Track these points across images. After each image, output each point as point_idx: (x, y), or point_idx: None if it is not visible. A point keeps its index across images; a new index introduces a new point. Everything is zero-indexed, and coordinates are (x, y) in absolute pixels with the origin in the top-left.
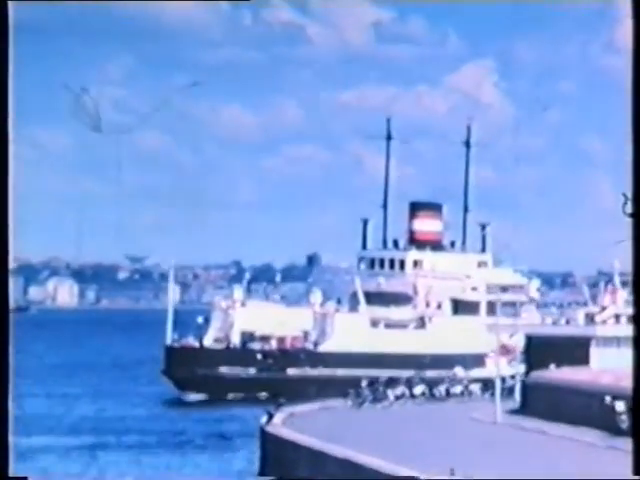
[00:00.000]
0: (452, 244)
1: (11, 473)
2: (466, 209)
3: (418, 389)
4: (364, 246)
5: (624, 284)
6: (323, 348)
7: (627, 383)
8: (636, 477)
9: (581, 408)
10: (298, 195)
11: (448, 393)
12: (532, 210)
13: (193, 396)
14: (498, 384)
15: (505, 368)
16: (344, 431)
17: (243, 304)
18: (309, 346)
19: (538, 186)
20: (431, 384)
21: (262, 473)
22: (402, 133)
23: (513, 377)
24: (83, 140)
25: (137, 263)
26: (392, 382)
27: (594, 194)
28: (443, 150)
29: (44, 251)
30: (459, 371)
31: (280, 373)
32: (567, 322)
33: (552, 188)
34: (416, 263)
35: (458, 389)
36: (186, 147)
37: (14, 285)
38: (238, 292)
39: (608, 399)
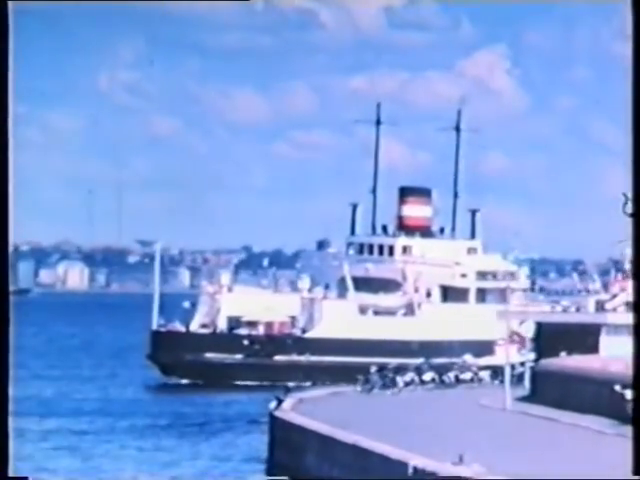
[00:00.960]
0: (441, 230)
1: (11, 473)
2: (456, 195)
3: (427, 375)
4: (353, 232)
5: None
6: (311, 334)
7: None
8: (636, 477)
9: (591, 396)
10: (309, 180)
11: (457, 380)
12: (543, 197)
13: (185, 380)
14: (508, 371)
15: (515, 355)
16: (353, 417)
17: (230, 289)
18: (296, 332)
19: (549, 173)
20: (440, 371)
21: (271, 458)
22: (413, 119)
23: (523, 364)
24: (94, 123)
25: (147, 247)
26: (401, 369)
27: (606, 181)
28: (451, 136)
29: (55, 234)
30: (469, 358)
31: (267, 359)
32: (577, 309)
33: (563, 175)
34: (405, 249)
35: (468, 376)
36: (197, 131)
37: (25, 268)
38: (225, 277)
39: (618, 387)
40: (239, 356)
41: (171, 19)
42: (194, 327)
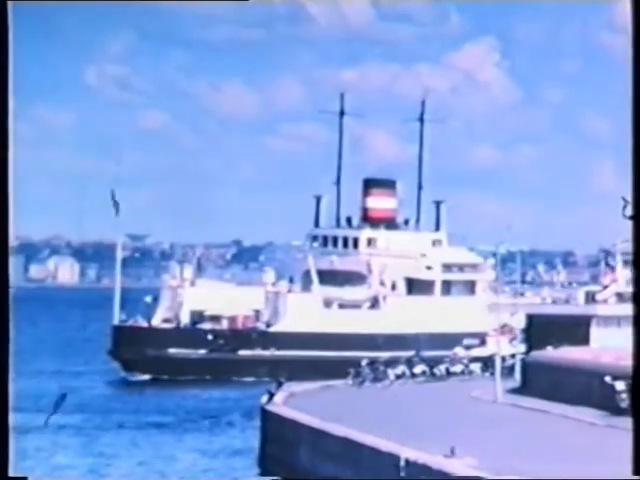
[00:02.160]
0: (406, 222)
1: (11, 473)
2: (420, 186)
3: (418, 368)
4: (317, 224)
5: (626, 263)
6: (275, 328)
7: (627, 362)
8: (636, 477)
9: (581, 387)
10: (299, 174)
11: (448, 372)
12: (533, 189)
13: (147, 376)
14: (498, 363)
15: (506, 347)
16: (345, 410)
17: (192, 283)
18: (261, 326)
19: (539, 165)
20: (431, 363)
21: (262, 452)
22: (404, 111)
23: (513, 356)
24: (85, 119)
25: (138, 242)
26: (392, 362)
27: (595, 173)
28: (443, 127)
29: (45, 230)
30: (459, 350)
31: (231, 354)
32: (567, 301)
33: (553, 167)
34: (370, 241)
35: (458, 368)
36: (187, 125)
37: (15, 263)
38: (187, 271)
39: (608, 378)
40: (203, 351)
41: (160, 13)
42: (156, 322)
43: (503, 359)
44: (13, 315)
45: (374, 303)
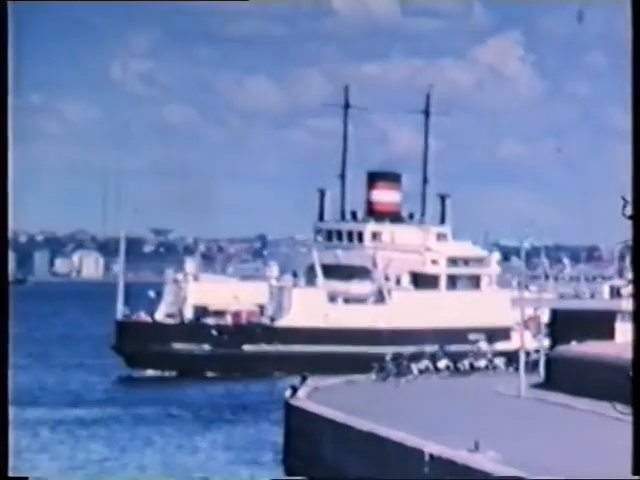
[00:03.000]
0: (411, 216)
1: (11, 473)
2: (425, 180)
3: (442, 363)
4: (321, 218)
5: None
6: (280, 323)
7: None
8: (636, 477)
9: (606, 382)
10: (323, 168)
11: (472, 367)
12: (557, 183)
13: (150, 372)
14: (522, 358)
15: (530, 341)
16: (368, 405)
17: (196, 278)
18: (265, 321)
19: (564, 159)
20: (455, 358)
21: (287, 446)
22: (425, 106)
23: (537, 351)
24: (109, 113)
25: (162, 236)
26: (416, 356)
27: (620, 167)
28: (472, 122)
29: (70, 224)
30: (483, 345)
31: (236, 349)
32: (592, 296)
33: (578, 161)
34: (375, 235)
35: (482, 363)
36: (210, 120)
37: (40, 258)
38: (190, 265)
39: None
40: (207, 346)
41: (185, 8)
42: (159, 317)
43: (527, 354)
44: (33, 308)
45: (379, 298)
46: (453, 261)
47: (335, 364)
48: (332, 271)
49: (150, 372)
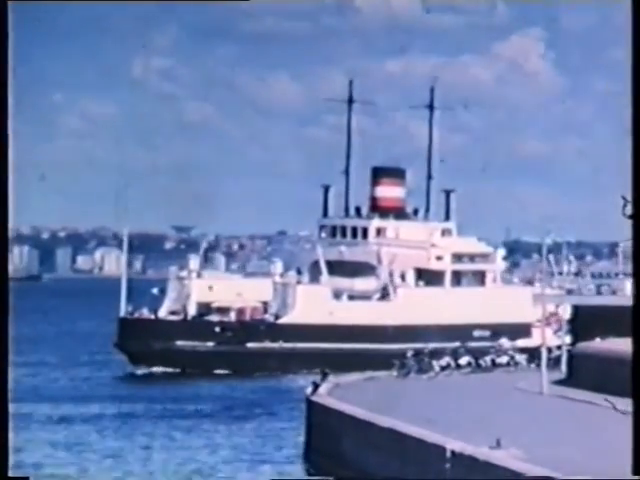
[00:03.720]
0: (415, 212)
1: (11, 473)
2: (429, 176)
3: (463, 360)
4: (325, 214)
5: None
6: (284, 320)
7: None
8: (636, 477)
9: (628, 379)
10: (343, 165)
11: (494, 363)
12: (579, 180)
13: (155, 369)
14: (544, 354)
15: (551, 338)
16: (390, 401)
17: (199, 275)
18: (269, 318)
19: (585, 156)
20: (477, 355)
21: (308, 443)
22: (448, 102)
23: (559, 348)
24: (130, 110)
25: (183, 233)
26: (437, 353)
27: None
28: (489, 118)
29: (92, 221)
30: (504, 342)
31: (239, 346)
32: (614, 292)
33: (599, 158)
34: (379, 231)
35: (504, 359)
36: (231, 117)
37: (62, 255)
38: (194, 262)
39: None
40: (210, 343)
41: (205, 5)
42: (163, 314)
43: (549, 350)
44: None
45: (384, 294)
46: (458, 257)
47: (340, 361)
48: (336, 267)
49: (154, 369)
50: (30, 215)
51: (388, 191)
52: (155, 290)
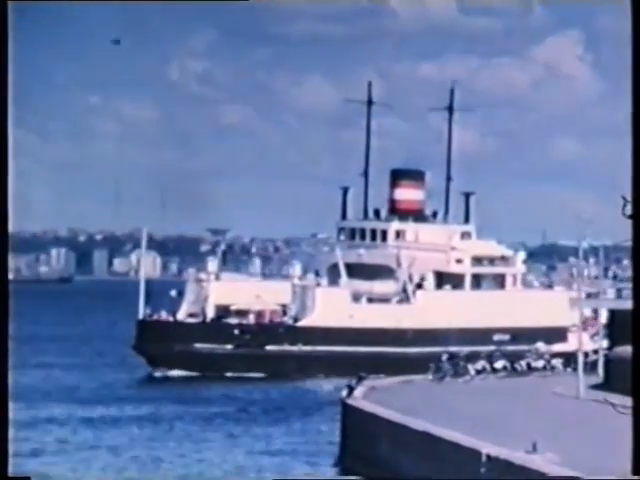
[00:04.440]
0: (434, 214)
1: (11, 473)
2: (449, 178)
3: (499, 363)
4: (344, 216)
5: None
6: (303, 323)
7: None
8: (636, 477)
9: None
10: (379, 167)
11: (530, 367)
12: (616, 183)
13: (174, 372)
14: (581, 359)
15: (588, 343)
16: (425, 405)
17: (217, 277)
18: (288, 321)
19: (623, 159)
20: (512, 359)
21: (343, 445)
22: (484, 105)
23: (596, 352)
24: (167, 113)
25: (219, 236)
26: (473, 356)
27: None
28: (526, 120)
29: (128, 224)
30: (541, 346)
31: (258, 349)
32: None
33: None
34: (398, 234)
35: (540, 363)
36: (267, 120)
37: (99, 257)
38: (212, 264)
39: None
40: (229, 346)
41: (241, 8)
42: (181, 316)
43: (586, 355)
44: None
45: (403, 297)
46: (478, 260)
47: (359, 364)
48: (355, 270)
49: (174, 373)
50: (67, 218)
51: (407, 193)
52: (173, 292)
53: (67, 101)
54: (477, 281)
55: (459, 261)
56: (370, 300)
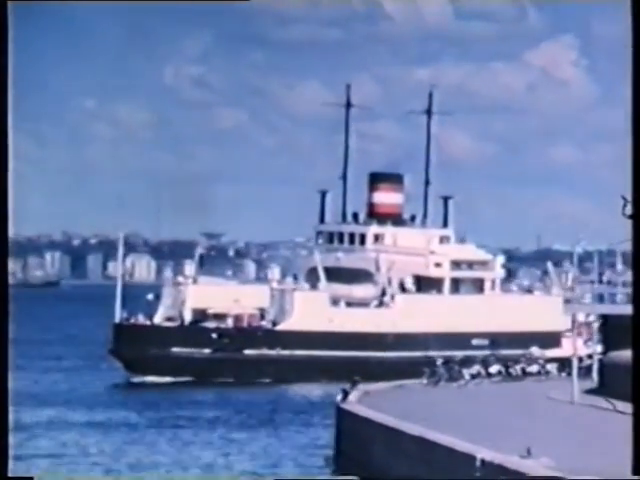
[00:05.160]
0: (412, 218)
1: (11, 473)
2: (427, 181)
3: (494, 368)
4: (322, 220)
5: None
6: (282, 327)
7: None
8: (636, 477)
9: None
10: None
11: (524, 372)
12: (611, 188)
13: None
14: (575, 363)
15: (581, 348)
16: (420, 409)
17: (195, 281)
18: (267, 325)
19: (618, 164)
20: (507, 363)
21: (338, 450)
22: (479, 109)
23: (590, 357)
24: (161, 117)
25: (213, 240)
26: (467, 361)
27: None
28: (522, 125)
29: (122, 228)
30: (535, 350)
31: (236, 353)
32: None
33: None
34: (377, 238)
35: (535, 368)
36: (262, 124)
37: (94, 261)
38: (189, 268)
39: None
40: (207, 350)
41: (236, 12)
42: (158, 320)
43: (580, 359)
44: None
45: (382, 301)
46: (457, 264)
47: (338, 369)
48: (333, 274)
49: (150, 378)
50: (61, 222)
51: (386, 197)
52: (150, 296)
53: (62, 105)
54: (456, 285)
55: (438, 265)
56: (349, 304)
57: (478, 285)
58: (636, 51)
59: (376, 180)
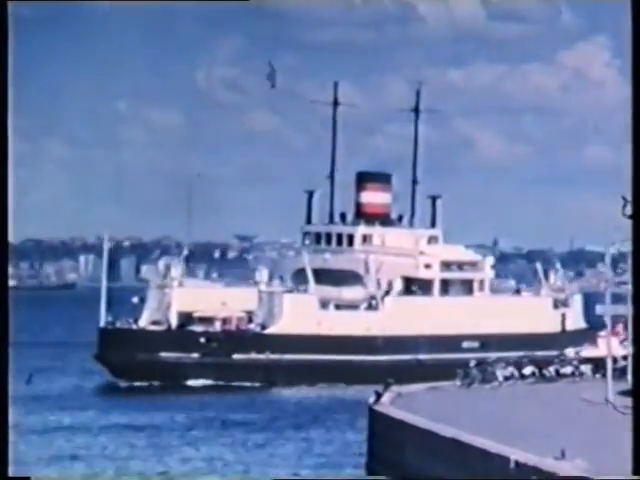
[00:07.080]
0: (400, 218)
1: (11, 473)
2: (415, 181)
3: (527, 369)
4: (309, 220)
5: None
6: (271, 330)
7: None
8: (636, 477)
9: None
10: (405, 174)
11: (558, 374)
12: None
13: (137, 383)
14: (609, 365)
15: (617, 348)
16: (453, 411)
17: (181, 283)
18: (255, 328)
19: None
20: (541, 365)
21: (370, 452)
22: (511, 110)
23: (625, 358)
24: (194, 120)
25: (246, 242)
26: (501, 362)
27: None
28: (554, 126)
29: (155, 230)
30: (569, 351)
31: (225, 358)
32: None
33: None
34: (365, 238)
35: (568, 369)
36: (294, 127)
37: (127, 264)
38: (175, 270)
39: None
40: (195, 355)
41: (268, 15)
42: (143, 324)
43: (615, 360)
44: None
45: (372, 303)
46: (447, 265)
47: (328, 373)
48: (321, 276)
49: (136, 383)
50: (95, 226)
51: (374, 197)
52: (135, 299)
53: (95, 108)
54: (445, 287)
55: (428, 266)
56: (338, 307)
57: (467, 286)
58: (636, 51)
59: (363, 179)
